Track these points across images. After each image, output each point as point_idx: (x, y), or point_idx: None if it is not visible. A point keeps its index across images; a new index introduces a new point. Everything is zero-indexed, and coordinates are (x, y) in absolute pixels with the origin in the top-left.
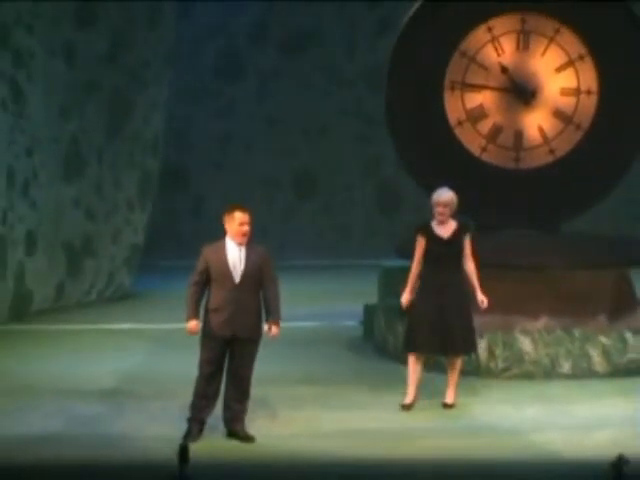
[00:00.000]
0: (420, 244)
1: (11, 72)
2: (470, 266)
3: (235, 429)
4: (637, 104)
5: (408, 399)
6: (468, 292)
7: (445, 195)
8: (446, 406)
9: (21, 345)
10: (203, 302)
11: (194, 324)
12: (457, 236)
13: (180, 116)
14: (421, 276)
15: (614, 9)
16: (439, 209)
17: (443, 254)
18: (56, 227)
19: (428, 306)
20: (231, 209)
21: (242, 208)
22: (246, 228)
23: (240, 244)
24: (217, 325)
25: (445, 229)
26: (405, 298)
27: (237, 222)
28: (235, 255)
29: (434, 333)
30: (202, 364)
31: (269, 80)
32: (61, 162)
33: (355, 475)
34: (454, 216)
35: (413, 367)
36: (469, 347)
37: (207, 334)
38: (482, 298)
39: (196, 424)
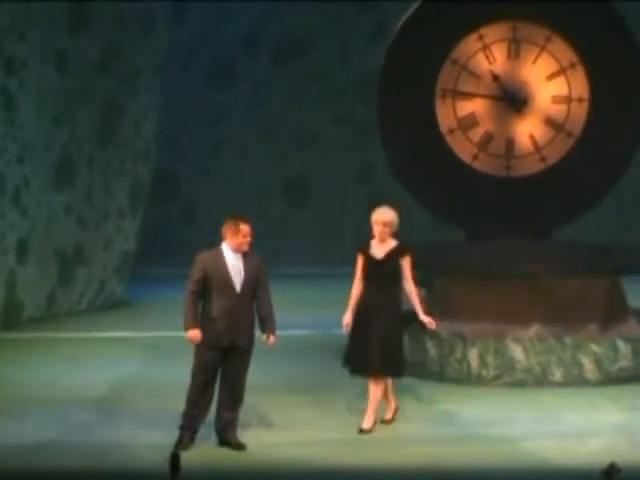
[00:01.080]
0: (359, 263)
1: (2, 80)
2: (409, 287)
3: (227, 437)
4: (628, 112)
5: (364, 424)
6: (399, 316)
7: (386, 214)
8: (384, 422)
9: (12, 353)
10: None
11: (196, 332)
12: (391, 257)
13: (172, 123)
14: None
15: (605, 17)
16: (379, 228)
17: (375, 274)
18: (47, 235)
19: (359, 326)
20: (236, 221)
21: (246, 220)
22: (249, 239)
23: (239, 253)
24: (216, 334)
25: (381, 249)
26: (345, 318)
27: (242, 234)
28: (235, 264)
29: (366, 353)
30: (196, 373)
31: (262, 87)
32: (52, 170)
33: None
34: (395, 236)
35: (370, 387)
36: (390, 372)
37: (204, 343)
38: (427, 319)
39: (188, 432)
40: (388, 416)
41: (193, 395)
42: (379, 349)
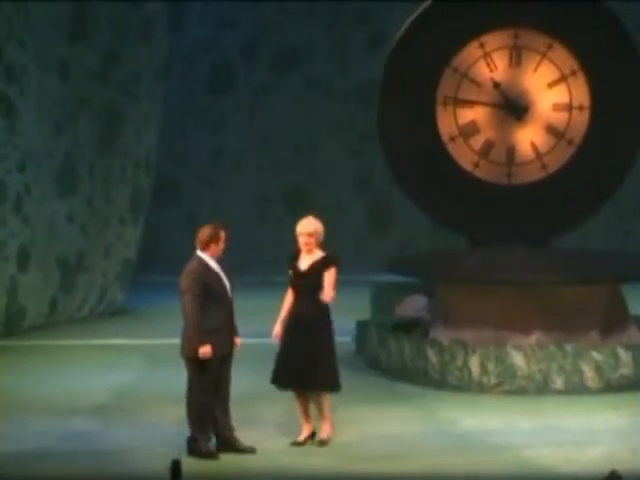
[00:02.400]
0: (289, 274)
1: (3, 87)
2: (321, 297)
3: (235, 444)
4: (629, 120)
5: (300, 437)
6: (329, 326)
7: (309, 225)
8: (321, 443)
9: (14, 361)
10: None
11: (209, 347)
12: (315, 269)
13: (172, 131)
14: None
15: (606, 25)
16: (304, 239)
17: (301, 286)
18: (49, 242)
19: (289, 339)
20: (217, 229)
21: (223, 226)
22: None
23: (218, 261)
24: (221, 344)
25: (307, 261)
26: (275, 328)
27: (222, 241)
28: (222, 273)
29: (291, 367)
30: (208, 385)
31: (261, 96)
32: (54, 177)
33: None
34: (322, 247)
35: (297, 403)
36: (325, 385)
37: (213, 355)
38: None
39: (208, 439)
40: (323, 435)
41: (206, 406)
42: (311, 364)
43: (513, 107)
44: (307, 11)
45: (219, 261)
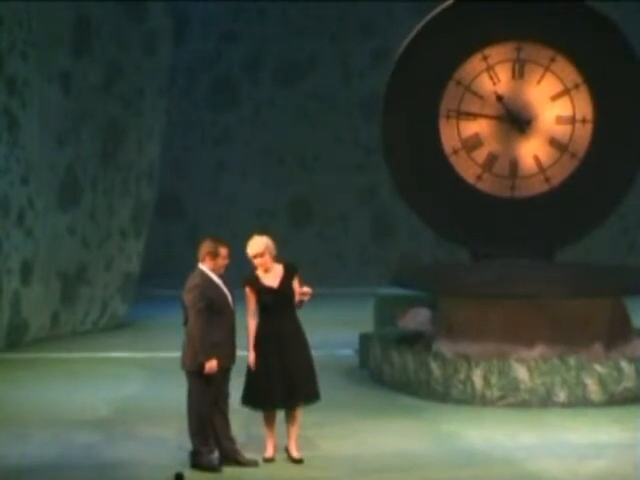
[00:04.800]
0: (251, 297)
1: (5, 100)
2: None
3: (238, 457)
4: (632, 133)
5: (268, 453)
6: (305, 337)
7: (259, 245)
8: (295, 461)
9: (16, 374)
10: None
11: (215, 362)
12: (285, 282)
13: (176, 144)
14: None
15: (609, 39)
16: (259, 260)
17: (276, 303)
18: (52, 256)
19: (269, 360)
20: (215, 245)
21: (224, 243)
22: (227, 262)
23: (219, 275)
24: (224, 357)
25: (273, 277)
26: (251, 357)
27: (221, 257)
28: (223, 286)
29: (276, 388)
30: (209, 397)
31: (264, 108)
32: (56, 190)
33: None
34: (277, 259)
35: (268, 421)
36: (311, 396)
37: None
38: (305, 290)
39: (210, 451)
40: (299, 453)
41: (208, 418)
42: (301, 377)
43: (516, 120)
44: (310, 24)
45: (221, 275)
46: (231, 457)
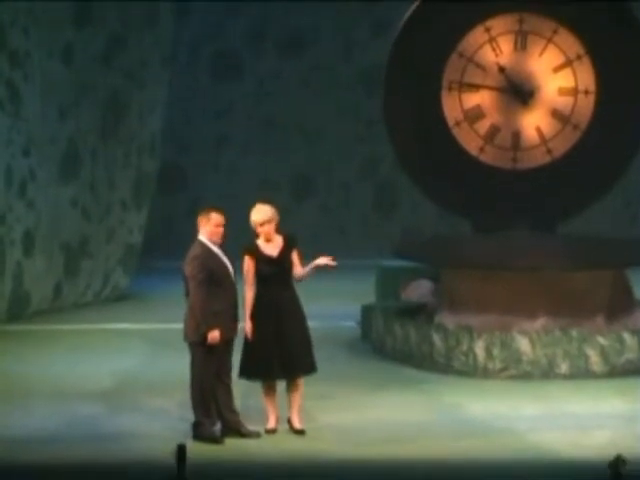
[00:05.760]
0: (249, 266)
1: (7, 73)
2: (298, 270)
3: (241, 428)
4: (634, 104)
5: (270, 424)
6: (303, 309)
7: (266, 213)
8: (297, 432)
9: (19, 346)
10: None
11: (217, 332)
12: (285, 253)
13: (177, 117)
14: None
15: (612, 10)
16: (265, 228)
17: (274, 273)
18: (53, 227)
19: (266, 330)
20: (208, 210)
21: (218, 210)
22: (221, 230)
23: (215, 244)
24: (225, 327)
25: (273, 247)
26: (249, 327)
27: (213, 223)
28: (224, 257)
29: (273, 358)
30: (212, 368)
31: (266, 81)
32: (58, 162)
33: (352, 475)
34: (278, 230)
35: (267, 392)
36: (309, 367)
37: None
38: (322, 261)
39: (212, 423)
40: (302, 425)
41: (209, 389)
42: (298, 348)
43: (518, 91)
44: None
45: (220, 245)
46: (233, 429)
